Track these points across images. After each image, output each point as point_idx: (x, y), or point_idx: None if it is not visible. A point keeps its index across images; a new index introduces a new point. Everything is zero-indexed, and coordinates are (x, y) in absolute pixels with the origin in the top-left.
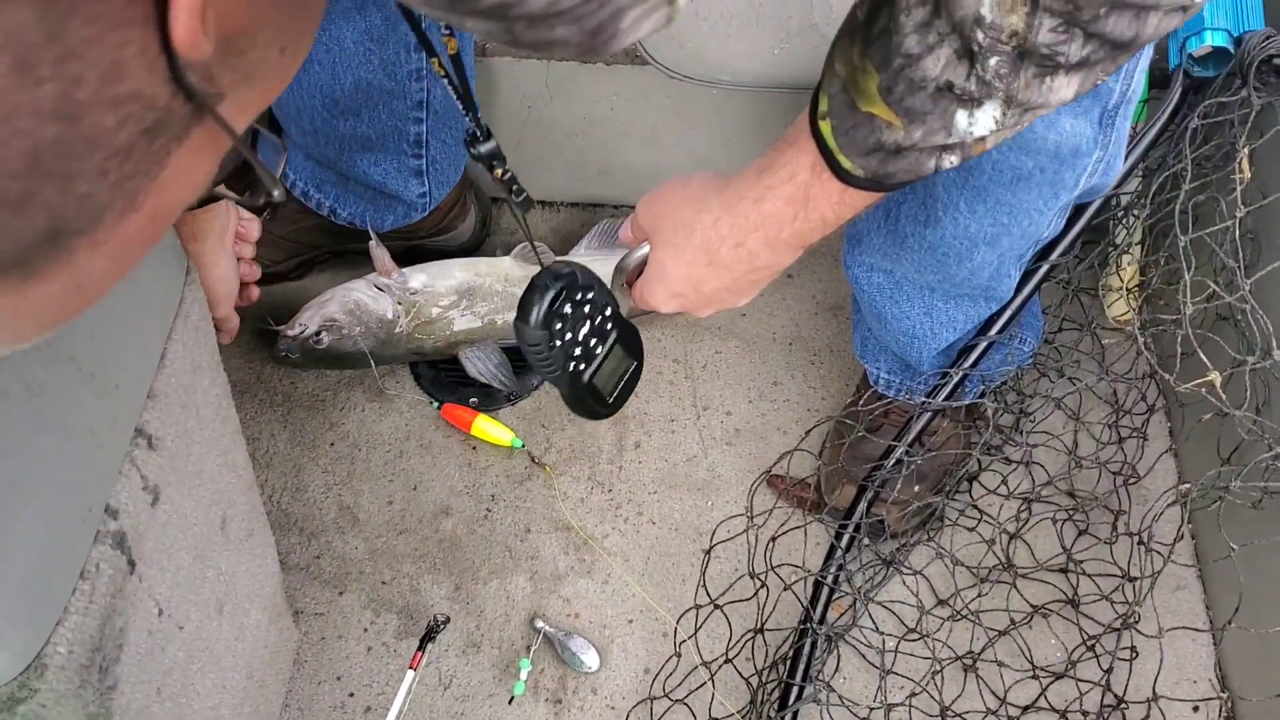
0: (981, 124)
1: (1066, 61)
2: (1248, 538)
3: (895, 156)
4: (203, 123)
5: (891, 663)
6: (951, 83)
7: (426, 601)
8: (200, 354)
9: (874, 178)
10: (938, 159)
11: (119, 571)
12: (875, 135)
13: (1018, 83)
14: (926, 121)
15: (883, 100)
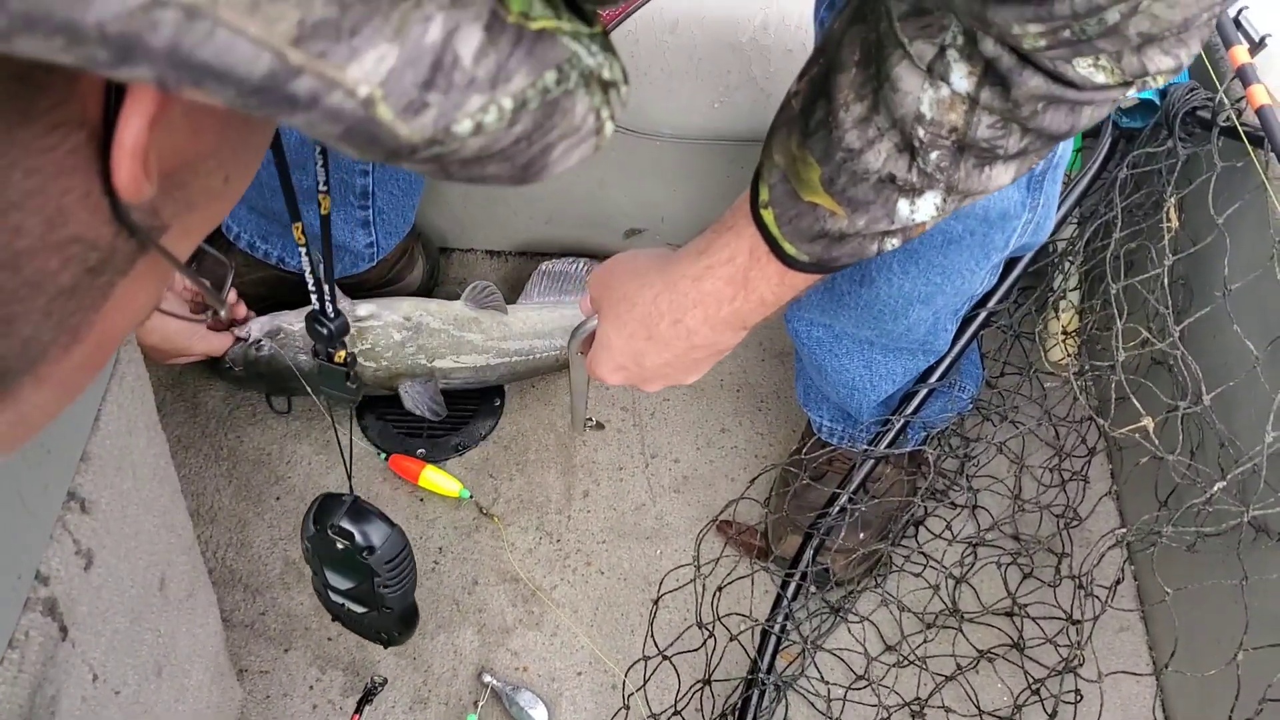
0: (923, 211)
1: (1005, 153)
2: (1187, 580)
3: (839, 242)
4: (146, 254)
5: (840, 711)
6: (894, 175)
7: (373, 657)
8: (136, 414)
9: (818, 262)
10: (880, 242)
11: (50, 638)
12: (819, 224)
13: (958, 173)
14: (870, 210)
15: (825, 191)
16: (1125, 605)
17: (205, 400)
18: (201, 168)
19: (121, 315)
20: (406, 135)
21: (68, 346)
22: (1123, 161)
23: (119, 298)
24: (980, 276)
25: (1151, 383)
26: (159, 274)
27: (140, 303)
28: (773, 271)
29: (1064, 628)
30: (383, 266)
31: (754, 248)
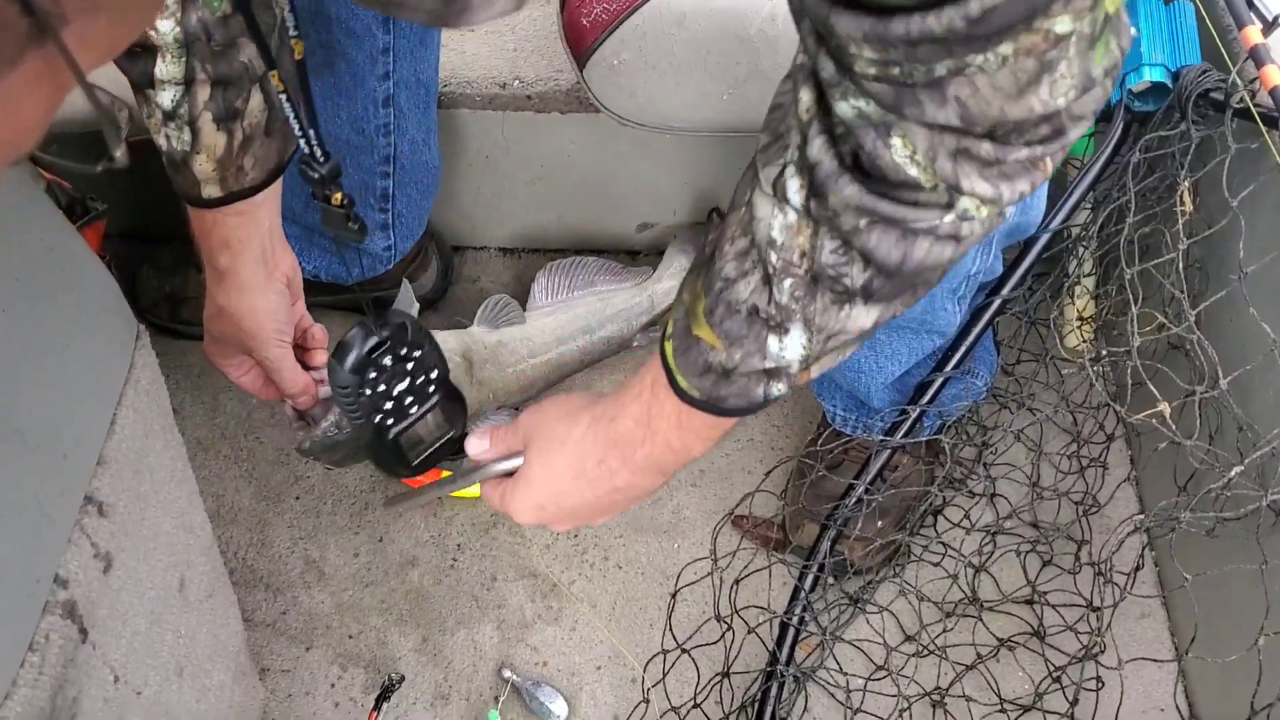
0: (791, 349)
1: (852, 286)
2: (1207, 565)
3: (725, 380)
4: (41, 49)
5: (860, 701)
6: (758, 306)
7: (394, 654)
8: (152, 418)
9: (708, 399)
10: (765, 385)
11: (70, 641)
12: (703, 357)
13: (814, 307)
14: (744, 345)
15: (706, 322)
16: (1146, 592)
17: (224, 402)
18: None
19: (5, 120)
20: None
21: None
22: (1135, 145)
23: (4, 93)
24: (969, 255)
25: (1168, 368)
26: (52, 83)
27: (25, 114)
28: (670, 410)
29: (1084, 615)
30: (398, 268)
31: (655, 380)
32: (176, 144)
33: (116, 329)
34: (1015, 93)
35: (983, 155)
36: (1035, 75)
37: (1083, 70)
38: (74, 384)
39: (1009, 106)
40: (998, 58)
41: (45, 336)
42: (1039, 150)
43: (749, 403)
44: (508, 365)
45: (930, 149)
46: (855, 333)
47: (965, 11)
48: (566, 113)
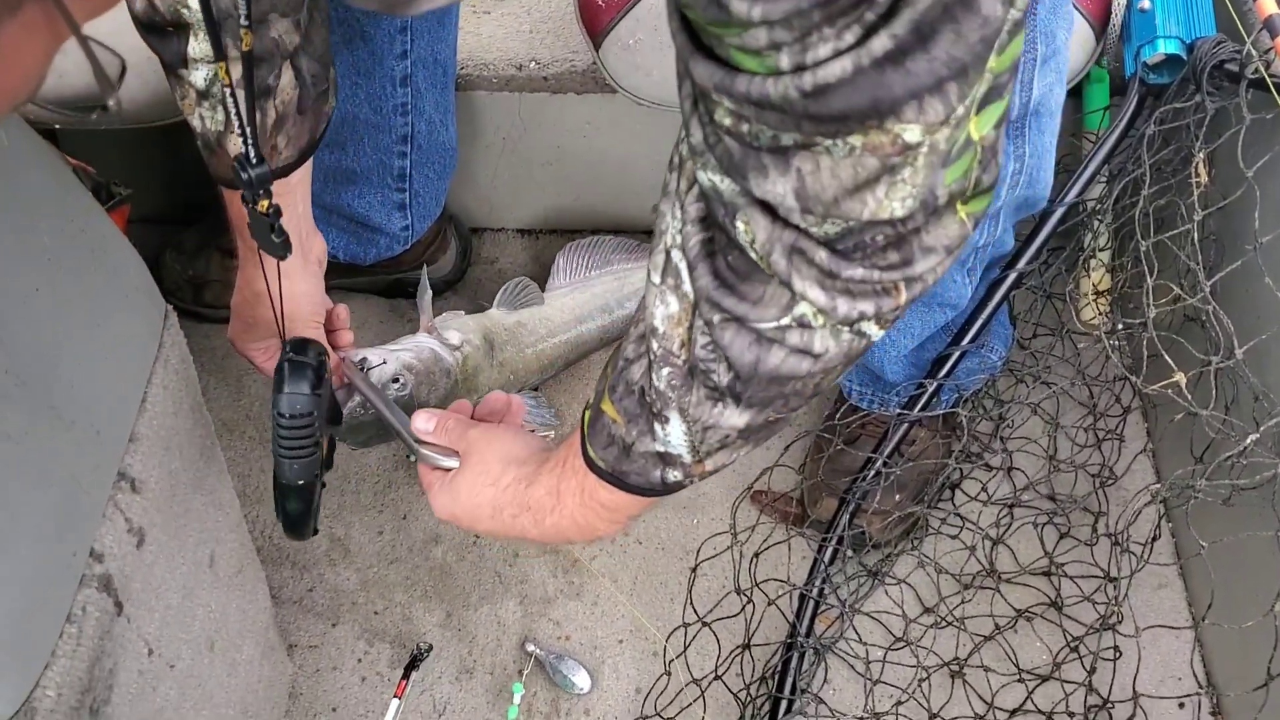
0: (675, 437)
1: (719, 383)
2: (1223, 534)
3: (626, 456)
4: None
5: (879, 672)
6: (643, 389)
7: (419, 630)
8: (181, 396)
9: (612, 472)
10: (662, 469)
11: (106, 613)
12: (607, 430)
13: (689, 399)
14: (637, 424)
15: (609, 398)
16: (1163, 561)
17: (248, 384)
18: None
19: (6, 67)
20: None
21: None
22: (1150, 117)
23: (5, 41)
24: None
25: (1184, 339)
26: (50, 31)
27: (24, 63)
28: (576, 484)
29: (1101, 585)
30: (417, 249)
31: (571, 452)
32: (210, 124)
33: (146, 309)
34: (852, 186)
35: (818, 262)
36: (875, 175)
37: (927, 184)
38: (106, 362)
39: (843, 198)
40: (845, 146)
41: (78, 316)
42: (876, 275)
43: (649, 483)
44: (527, 346)
45: (768, 241)
46: (731, 430)
47: (799, 83)
48: (583, 93)
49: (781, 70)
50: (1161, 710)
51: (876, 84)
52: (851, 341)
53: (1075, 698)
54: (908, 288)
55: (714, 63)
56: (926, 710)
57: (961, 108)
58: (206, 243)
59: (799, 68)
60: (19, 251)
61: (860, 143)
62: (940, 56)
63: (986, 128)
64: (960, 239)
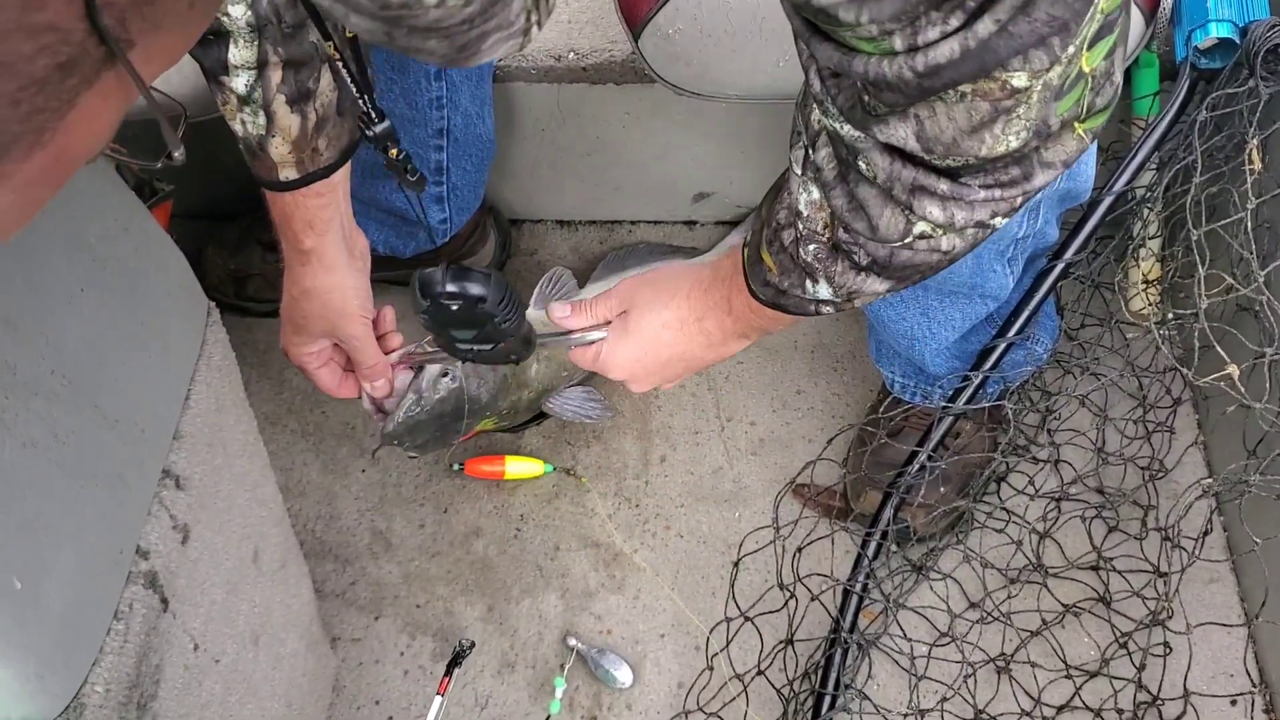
0: (823, 292)
1: (861, 263)
2: (1278, 529)
3: (781, 294)
4: (113, 69)
5: (924, 668)
6: (794, 255)
7: (460, 623)
8: (224, 393)
9: (771, 303)
10: (816, 306)
11: (152, 610)
12: (763, 275)
13: (835, 268)
14: (790, 276)
15: (767, 250)
16: (1215, 556)
17: (290, 378)
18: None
19: (82, 132)
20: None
21: (31, 148)
22: (1202, 103)
23: (82, 110)
24: (1015, 217)
25: (1237, 330)
26: (121, 96)
27: (100, 124)
28: (744, 300)
29: (1151, 580)
30: (456, 242)
31: (735, 270)
32: (252, 129)
33: (189, 306)
34: (968, 127)
35: (940, 192)
36: (990, 117)
37: (1040, 116)
38: (149, 361)
39: (962, 139)
40: (957, 94)
41: (122, 314)
42: (997, 194)
43: (804, 312)
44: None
45: (889, 179)
46: (873, 294)
47: (912, 64)
48: (622, 83)
49: (896, 51)
50: (1213, 708)
51: (983, 51)
52: (977, 234)
53: (1124, 694)
54: (1025, 197)
55: (831, 44)
56: (972, 706)
57: (1069, 51)
58: (247, 237)
59: (911, 49)
60: (65, 251)
61: (971, 89)
62: (1041, 18)
63: (1097, 60)
64: (1078, 153)
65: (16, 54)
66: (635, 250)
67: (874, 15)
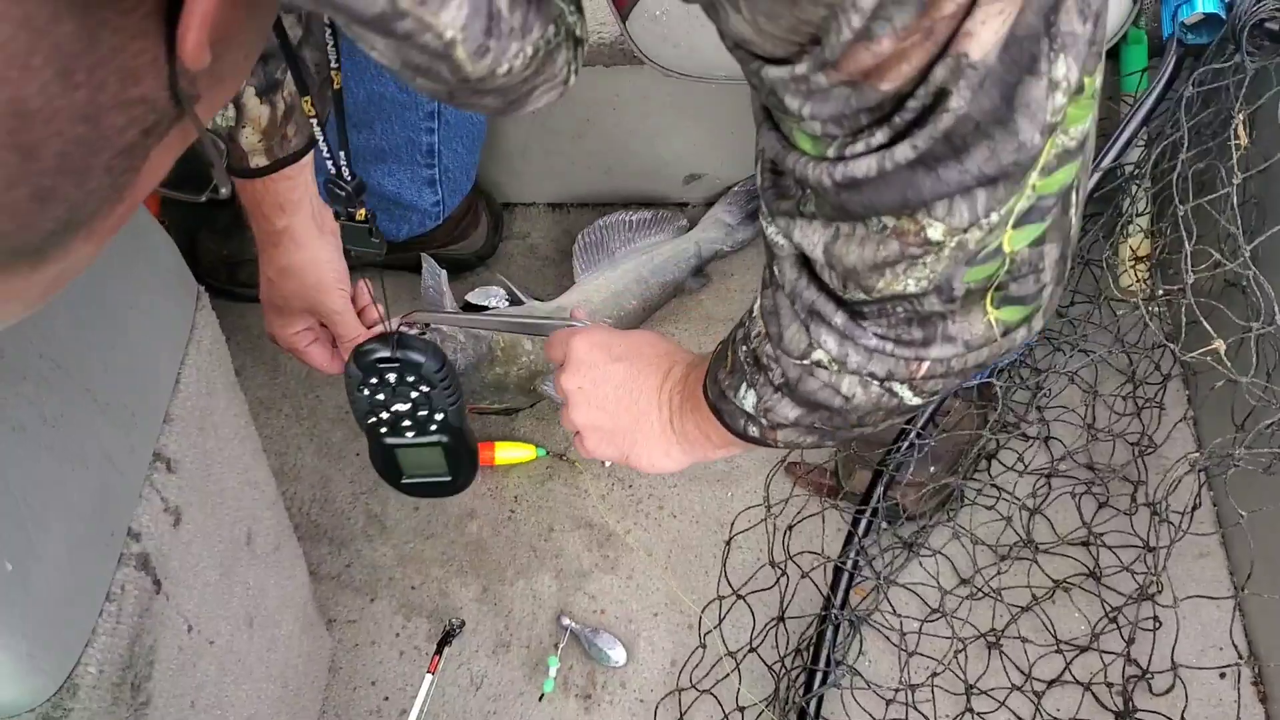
0: (748, 402)
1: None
2: (1265, 502)
3: (721, 397)
4: (180, 123)
5: (915, 644)
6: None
7: (455, 604)
8: (215, 376)
9: (713, 405)
10: (744, 422)
11: (145, 592)
12: (718, 369)
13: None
14: (733, 376)
15: (733, 343)
16: (1204, 530)
17: (284, 363)
18: (234, 41)
19: (148, 180)
20: (471, 72)
21: (114, 205)
22: (1189, 79)
23: (152, 162)
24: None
25: (1224, 305)
26: (181, 143)
27: (163, 171)
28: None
29: (1141, 555)
30: (449, 225)
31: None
32: (221, 121)
33: (178, 291)
34: (872, 262)
35: (835, 325)
36: (895, 258)
37: (945, 273)
38: (139, 345)
39: (863, 270)
40: (878, 223)
41: (111, 299)
42: (890, 348)
43: (734, 426)
44: None
45: (792, 293)
46: (785, 422)
47: (832, 172)
48: (611, 65)
49: (826, 157)
50: (1202, 680)
51: (906, 183)
52: (881, 396)
53: (1114, 668)
54: (925, 368)
55: (777, 133)
56: (963, 681)
57: (992, 216)
58: (239, 222)
59: (839, 158)
60: None
61: (891, 224)
62: (971, 169)
63: (1021, 244)
64: (985, 340)
65: (113, 127)
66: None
67: (816, 111)
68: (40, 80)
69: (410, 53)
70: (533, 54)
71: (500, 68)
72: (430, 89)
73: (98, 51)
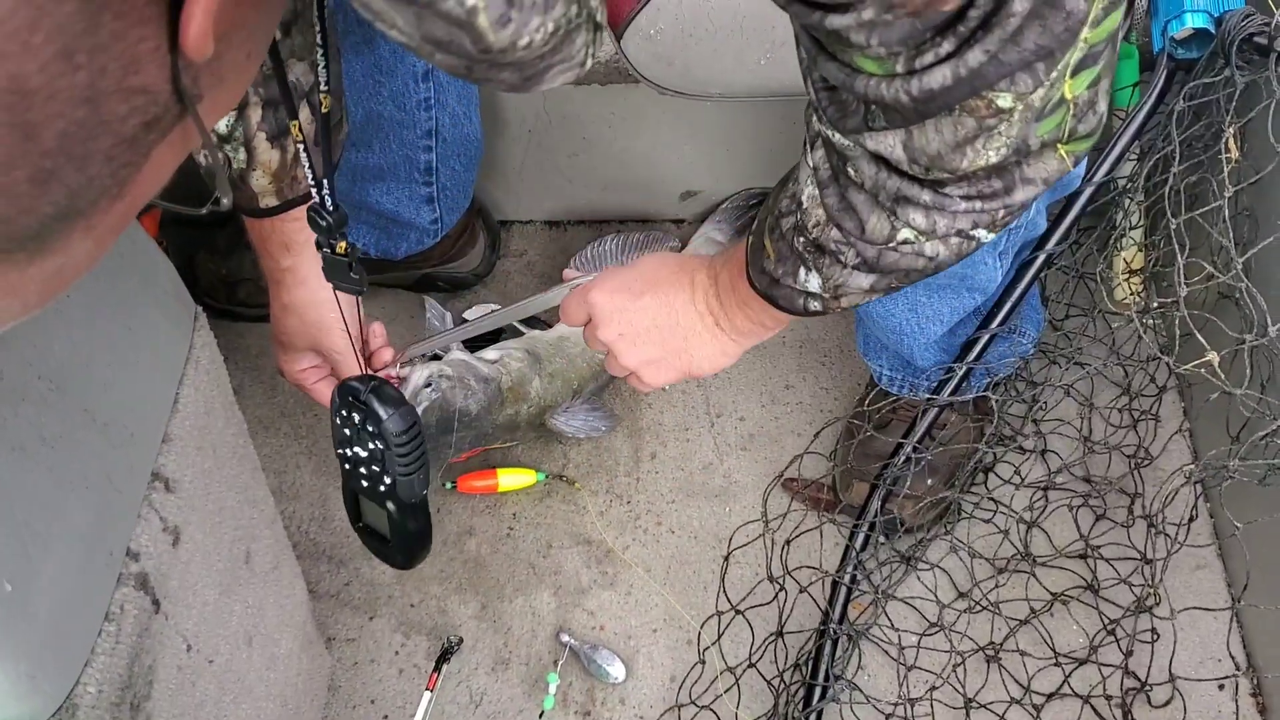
0: (813, 284)
1: (848, 263)
2: (1261, 514)
3: (775, 284)
4: (182, 122)
5: (914, 658)
6: (791, 243)
7: (454, 622)
8: (213, 395)
9: (765, 293)
10: (804, 300)
11: (144, 611)
12: (761, 262)
13: (824, 261)
14: (785, 264)
15: (769, 237)
16: (1201, 542)
17: (282, 382)
18: (236, 38)
19: (150, 181)
20: (493, 42)
21: (114, 199)
22: (1179, 93)
23: (154, 160)
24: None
25: (1218, 317)
26: (183, 145)
27: (163, 172)
28: (744, 290)
29: (1138, 567)
30: (445, 243)
31: (737, 259)
32: (234, 164)
33: (176, 311)
34: (953, 143)
35: (923, 202)
36: (973, 134)
37: (1020, 135)
38: (137, 365)
39: (946, 153)
40: (946, 110)
41: (109, 320)
42: (979, 205)
43: (794, 307)
44: (576, 355)
45: (875, 186)
46: (859, 291)
47: (908, 88)
48: (606, 84)
49: (897, 73)
50: (1200, 692)
51: (974, 78)
52: (961, 244)
53: (1112, 681)
54: (1007, 211)
55: (836, 63)
56: (962, 695)
57: (1053, 76)
58: (238, 242)
59: (910, 72)
60: None
61: (959, 107)
62: (1029, 47)
63: (1080, 89)
64: (1059, 173)
65: (114, 114)
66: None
67: (883, 39)
68: (41, 59)
69: (431, 24)
70: (553, 30)
71: (521, 40)
72: (449, 64)
73: (99, 34)
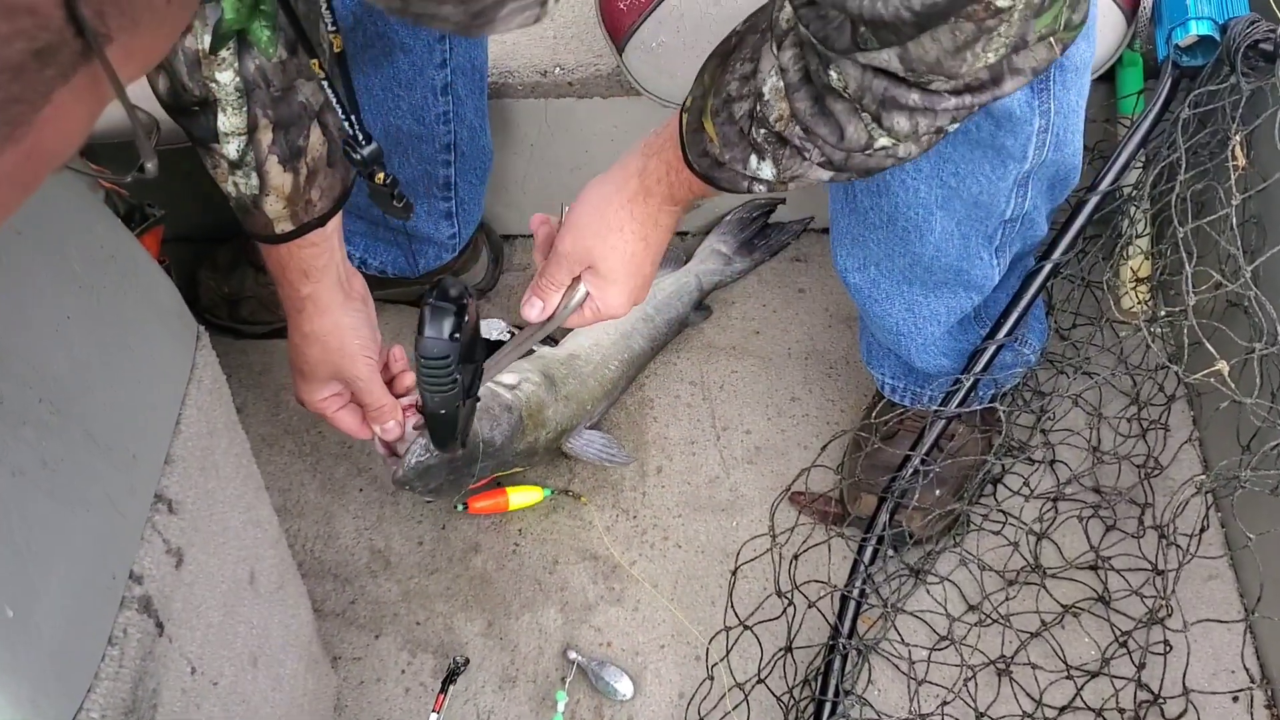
0: (765, 172)
1: (811, 159)
2: (1273, 524)
3: (719, 167)
4: (89, 65)
5: (924, 672)
6: (743, 130)
7: (461, 640)
8: (216, 416)
9: (705, 176)
10: (750, 184)
11: (147, 634)
12: (703, 145)
13: (782, 153)
14: (732, 150)
15: (712, 120)
16: (1213, 553)
17: (286, 399)
18: None
19: (55, 131)
20: None
21: (4, 141)
22: (1185, 100)
23: (56, 106)
24: (1002, 191)
25: (1227, 326)
26: (95, 96)
27: (73, 125)
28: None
29: (1149, 578)
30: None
31: (670, 143)
32: (245, 189)
33: (178, 331)
34: (952, 49)
35: (910, 103)
36: (973, 37)
37: (1019, 33)
38: (139, 386)
39: (945, 59)
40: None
41: (110, 341)
42: (967, 99)
43: (736, 188)
44: (588, 375)
45: (860, 89)
46: (815, 182)
47: (910, 3)
48: (608, 97)
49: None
50: (1215, 705)
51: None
52: (931, 139)
53: (1125, 694)
54: (995, 99)
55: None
56: (973, 709)
57: None
58: (240, 259)
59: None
60: (51, 280)
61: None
62: None
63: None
64: (1048, 61)
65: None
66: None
67: None
68: None
69: None
70: None
71: None
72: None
73: None
